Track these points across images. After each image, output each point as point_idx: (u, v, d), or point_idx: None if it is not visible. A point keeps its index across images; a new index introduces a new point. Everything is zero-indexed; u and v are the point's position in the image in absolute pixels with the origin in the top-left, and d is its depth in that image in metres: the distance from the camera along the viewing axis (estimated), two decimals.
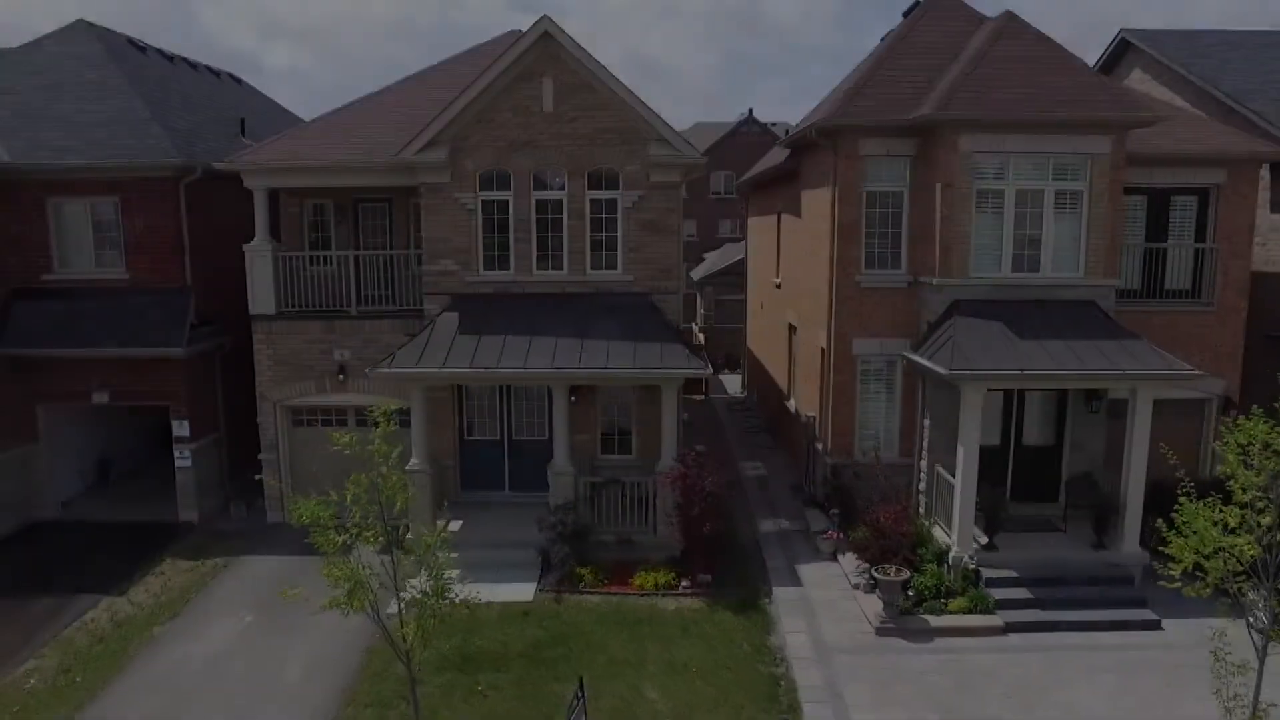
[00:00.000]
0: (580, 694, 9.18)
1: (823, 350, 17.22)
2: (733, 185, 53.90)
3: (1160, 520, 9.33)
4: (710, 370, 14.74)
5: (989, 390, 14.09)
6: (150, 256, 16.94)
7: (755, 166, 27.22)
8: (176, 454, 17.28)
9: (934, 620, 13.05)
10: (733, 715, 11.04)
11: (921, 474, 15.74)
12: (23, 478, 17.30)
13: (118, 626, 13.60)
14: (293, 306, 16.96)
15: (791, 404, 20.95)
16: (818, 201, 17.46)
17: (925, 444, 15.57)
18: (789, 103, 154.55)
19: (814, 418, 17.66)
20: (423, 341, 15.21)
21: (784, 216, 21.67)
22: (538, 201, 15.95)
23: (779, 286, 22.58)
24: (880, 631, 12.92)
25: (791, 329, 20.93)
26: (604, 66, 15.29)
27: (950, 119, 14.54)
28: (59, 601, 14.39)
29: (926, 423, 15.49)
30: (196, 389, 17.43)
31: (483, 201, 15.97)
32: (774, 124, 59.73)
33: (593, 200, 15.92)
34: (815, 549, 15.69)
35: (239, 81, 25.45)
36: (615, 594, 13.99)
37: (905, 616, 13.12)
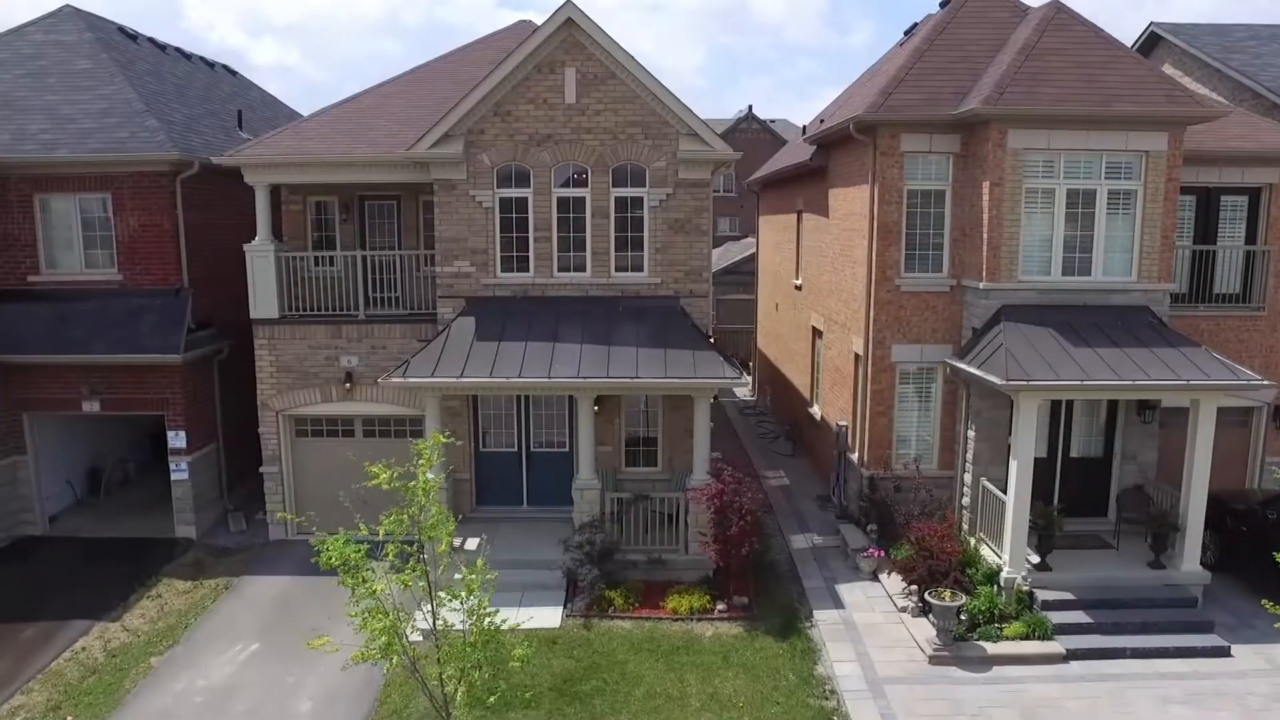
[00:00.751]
0: None
1: (857, 356, 16.41)
2: (731, 183, 53.07)
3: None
4: (747, 379, 13.86)
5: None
6: (144, 256, 15.90)
7: (770, 163, 26.36)
8: (172, 466, 16.26)
9: (990, 647, 12.25)
10: None
11: (965, 488, 14.94)
12: (8, 491, 16.23)
13: (112, 656, 12.62)
14: (296, 310, 16.01)
15: (816, 411, 20.13)
16: (851, 200, 16.63)
17: (969, 456, 14.77)
18: (773, 99, 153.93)
19: (846, 427, 16.83)
20: (438, 348, 14.29)
21: (806, 215, 20.84)
22: (559, 199, 15.04)
23: (799, 288, 21.75)
24: (934, 660, 12.11)
25: (816, 332, 20.09)
26: (631, 56, 14.40)
27: (1000, 114, 13.73)
28: (48, 627, 13.37)
29: (971, 434, 14.69)
30: (193, 397, 16.42)
31: (500, 199, 15.05)
32: (773, 120, 59.00)
33: (617, 198, 15.03)
34: (854, 567, 14.86)
35: (233, 73, 24.38)
36: (648, 618, 13.12)
37: (959, 643, 12.31)
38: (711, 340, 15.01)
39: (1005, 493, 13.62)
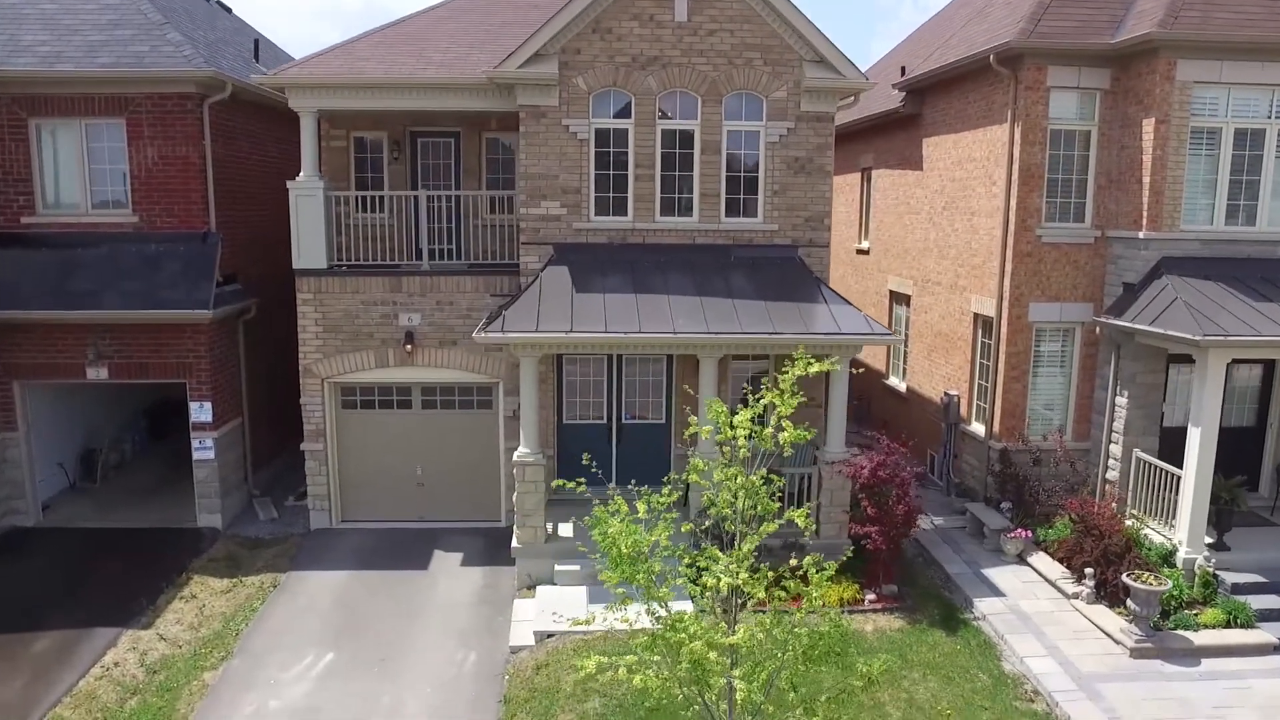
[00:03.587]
0: None
1: (978, 317, 14.83)
2: None
3: None
4: (899, 336, 12.14)
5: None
6: (165, 194, 13.39)
7: None
8: (195, 443, 13.84)
9: (1194, 637, 10.76)
10: None
11: (1113, 459, 13.48)
12: None
13: (153, 673, 10.30)
14: (341, 260, 13.77)
15: (896, 382, 18.51)
16: (966, 146, 15.02)
17: (1119, 425, 13.31)
18: None
19: (957, 396, 15.24)
20: (534, 301, 12.22)
21: (878, 172, 19.20)
22: (663, 132, 13.07)
23: (865, 252, 20.11)
24: (1135, 653, 10.57)
25: (895, 297, 18.47)
26: None
27: (1173, 40, 12.24)
28: (65, 638, 10.96)
29: (1122, 400, 13.23)
30: (220, 362, 14.01)
31: (597, 130, 13.01)
32: None
33: (730, 132, 13.12)
34: (994, 549, 13.29)
35: (228, 10, 21.65)
36: (794, 612, 11.29)
37: (1157, 633, 10.81)
38: None
39: (1164, 463, 12.25)
